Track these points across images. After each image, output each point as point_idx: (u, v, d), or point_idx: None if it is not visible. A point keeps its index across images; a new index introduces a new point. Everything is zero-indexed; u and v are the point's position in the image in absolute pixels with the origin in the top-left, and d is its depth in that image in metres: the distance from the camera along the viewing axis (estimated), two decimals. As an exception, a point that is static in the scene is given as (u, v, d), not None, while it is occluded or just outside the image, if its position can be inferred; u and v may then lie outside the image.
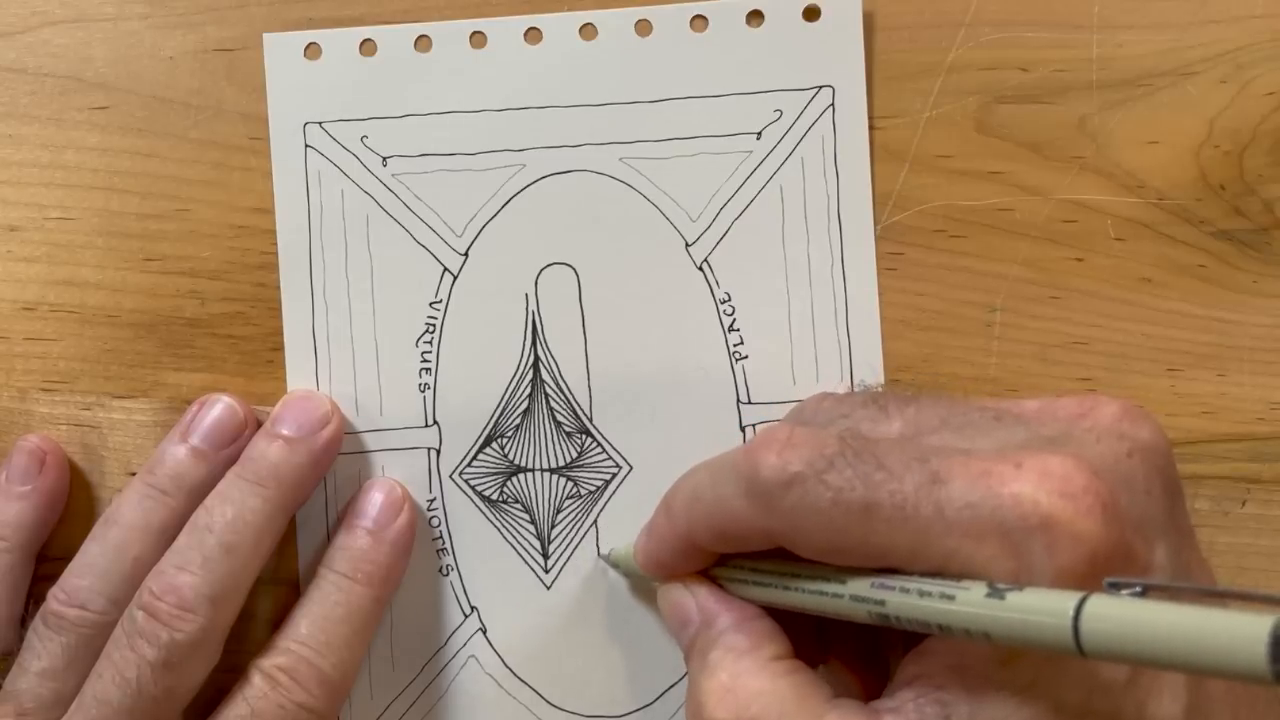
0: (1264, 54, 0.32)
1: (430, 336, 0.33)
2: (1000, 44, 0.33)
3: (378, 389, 0.33)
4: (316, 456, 0.32)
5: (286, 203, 0.33)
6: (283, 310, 0.33)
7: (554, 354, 0.33)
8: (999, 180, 0.33)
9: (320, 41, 0.33)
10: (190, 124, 0.34)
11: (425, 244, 0.33)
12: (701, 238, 0.33)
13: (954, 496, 0.22)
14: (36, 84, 0.34)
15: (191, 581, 0.30)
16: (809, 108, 0.33)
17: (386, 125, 0.33)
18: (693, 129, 0.33)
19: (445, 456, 0.33)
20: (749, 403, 0.33)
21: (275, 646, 0.31)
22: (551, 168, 0.33)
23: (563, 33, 0.33)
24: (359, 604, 0.31)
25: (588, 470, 0.33)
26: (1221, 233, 0.32)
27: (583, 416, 0.33)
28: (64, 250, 0.34)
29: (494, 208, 0.33)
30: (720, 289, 0.33)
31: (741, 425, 0.33)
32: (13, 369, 0.35)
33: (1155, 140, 0.32)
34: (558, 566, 0.33)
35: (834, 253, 0.33)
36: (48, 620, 0.31)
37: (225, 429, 0.32)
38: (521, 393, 0.33)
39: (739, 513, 0.25)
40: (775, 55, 0.33)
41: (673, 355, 0.33)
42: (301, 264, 0.33)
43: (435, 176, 0.33)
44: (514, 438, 0.33)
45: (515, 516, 0.34)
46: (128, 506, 0.32)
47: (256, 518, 0.31)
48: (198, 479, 0.32)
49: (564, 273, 0.33)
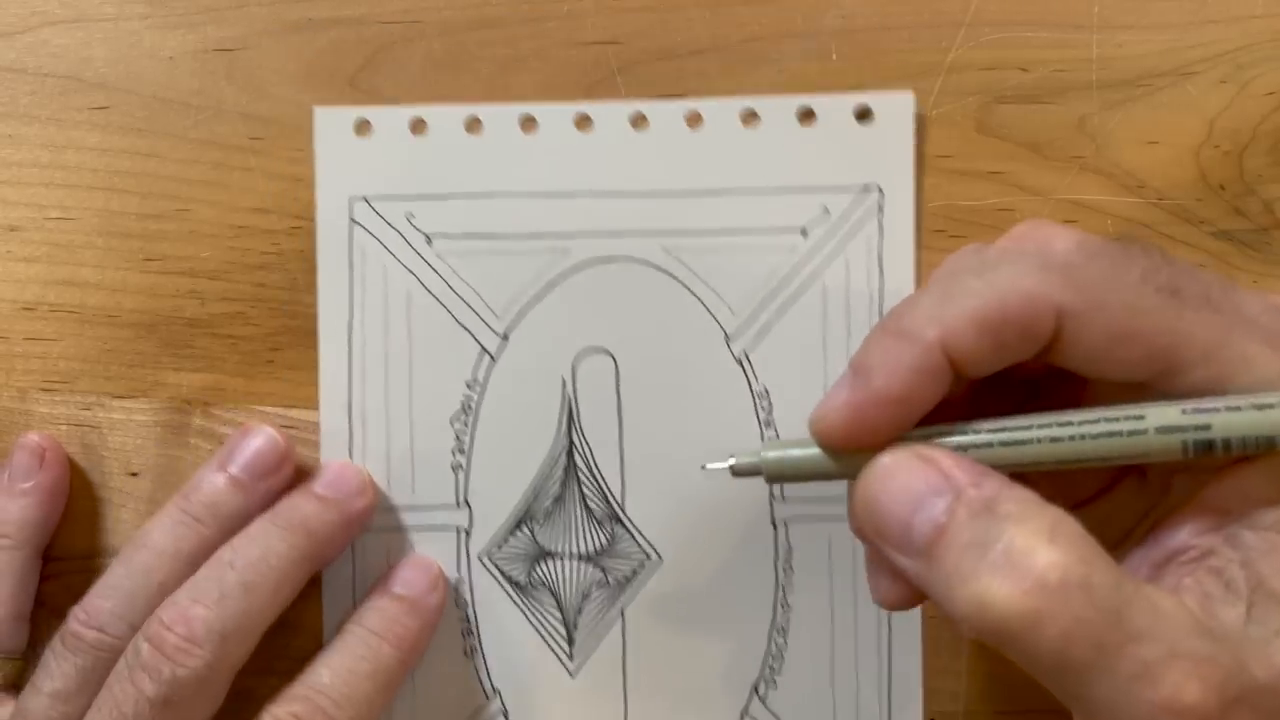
0: (1264, 54, 0.32)
1: (465, 416, 0.33)
2: (1000, 44, 0.33)
3: (410, 466, 0.33)
4: (348, 519, 0.32)
5: (329, 276, 0.33)
6: (320, 381, 0.33)
7: (589, 440, 0.33)
8: (999, 180, 0.33)
9: (371, 118, 0.33)
10: (190, 124, 0.34)
11: (465, 324, 0.33)
12: (742, 331, 0.33)
13: (1250, 301, 0.22)
14: (36, 84, 0.34)
15: (204, 615, 0.29)
16: (857, 207, 0.32)
17: (433, 204, 0.33)
18: (739, 223, 0.33)
19: (475, 537, 0.33)
20: (782, 499, 0.33)
21: (292, 694, 0.30)
22: (595, 254, 0.33)
23: (613, 121, 0.33)
24: (385, 663, 0.31)
25: (617, 559, 0.33)
26: (1221, 233, 0.32)
27: (614, 504, 0.33)
28: (64, 250, 0.34)
29: (536, 291, 0.33)
30: (759, 383, 0.33)
31: (774, 520, 0.33)
32: (13, 369, 0.35)
33: (1155, 140, 0.32)
34: (583, 654, 0.33)
35: None
36: (65, 640, 0.30)
37: (265, 460, 0.32)
38: (554, 477, 0.33)
39: (1031, 289, 0.22)
40: (825, 153, 0.32)
41: (708, 447, 0.32)
42: (341, 337, 0.33)
43: (479, 258, 0.33)
44: (544, 522, 0.33)
45: (542, 601, 0.33)
46: (159, 531, 0.31)
47: (281, 562, 0.30)
48: (233, 509, 0.31)
49: (602, 359, 0.33)
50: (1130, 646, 0.20)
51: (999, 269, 0.23)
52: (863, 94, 0.32)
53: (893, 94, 0.32)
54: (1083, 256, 0.22)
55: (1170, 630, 0.20)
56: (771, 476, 0.26)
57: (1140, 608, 0.20)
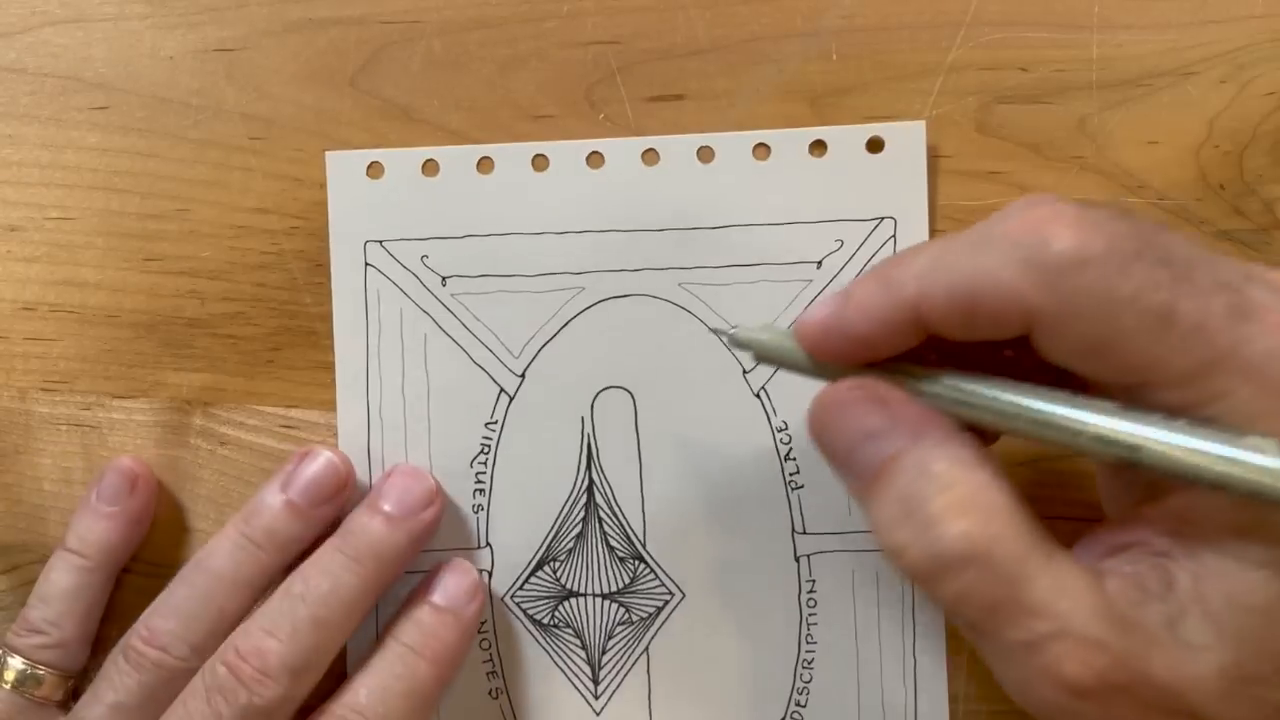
0: (1264, 54, 0.32)
1: (485, 457, 0.33)
2: (1000, 44, 0.33)
3: None
4: (415, 537, 0.32)
5: (345, 320, 0.33)
6: (338, 425, 0.33)
7: (609, 478, 0.33)
8: (999, 180, 0.33)
9: (383, 160, 0.33)
10: (190, 124, 0.34)
11: (482, 364, 0.33)
12: (760, 365, 0.33)
13: (1254, 337, 0.21)
14: (36, 84, 0.34)
15: (277, 650, 0.29)
16: (870, 238, 0.32)
17: (447, 245, 0.33)
18: (753, 256, 0.33)
19: (497, 578, 0.33)
20: (804, 533, 0.33)
21: (329, 711, 0.30)
22: (610, 291, 0.33)
23: (625, 157, 0.33)
24: (422, 681, 0.31)
25: (640, 596, 0.33)
26: (1221, 233, 0.32)
27: (636, 542, 0.33)
28: (64, 250, 0.34)
29: (552, 330, 0.33)
30: (777, 417, 0.33)
31: (796, 555, 0.33)
32: (13, 369, 0.35)
33: (1155, 140, 0.32)
34: (608, 692, 0.33)
35: None
36: (128, 655, 0.31)
37: (325, 486, 0.32)
38: (575, 516, 0.33)
39: (1007, 284, 0.22)
40: (838, 185, 0.32)
41: (728, 482, 0.33)
42: (359, 381, 0.33)
43: (494, 297, 0.33)
44: (567, 562, 0.33)
45: (566, 641, 0.33)
46: (220, 554, 0.31)
47: (350, 594, 0.30)
48: (292, 535, 0.31)
49: (621, 397, 0.33)
50: (1023, 617, 0.22)
51: (989, 251, 0.23)
52: (874, 125, 0.32)
53: (904, 124, 0.32)
54: (1075, 262, 0.22)
55: (1068, 608, 0.22)
56: (760, 357, 0.27)
57: (1043, 583, 0.22)
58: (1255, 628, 0.21)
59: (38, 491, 0.35)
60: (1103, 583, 0.22)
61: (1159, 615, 0.22)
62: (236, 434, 0.34)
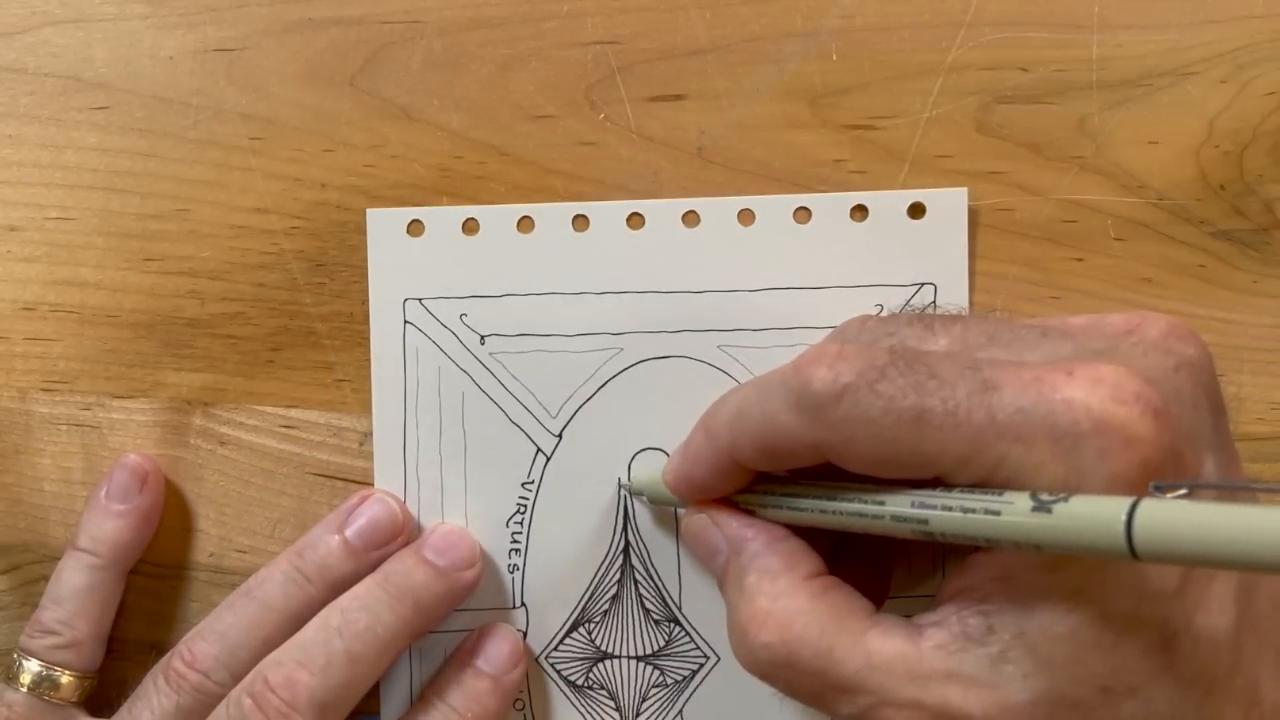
0: (1264, 54, 0.32)
1: (521, 517, 0.33)
2: (1000, 44, 0.33)
3: None
4: (454, 593, 0.32)
5: (383, 377, 0.33)
6: (374, 483, 0.33)
7: (645, 540, 0.33)
8: (999, 180, 0.33)
9: (424, 219, 0.33)
10: (190, 124, 0.34)
11: (520, 424, 0.33)
12: None
13: (1005, 402, 0.22)
14: (36, 84, 0.34)
15: (308, 683, 0.29)
16: (910, 304, 0.32)
17: (486, 304, 0.33)
18: (792, 320, 0.32)
19: (532, 638, 0.33)
20: None
21: None
22: (649, 352, 0.33)
23: (665, 219, 0.33)
24: None
25: (675, 659, 0.33)
26: (1221, 233, 0.32)
27: (672, 604, 0.33)
28: (64, 250, 0.34)
29: (590, 390, 0.33)
30: None
31: None
32: (13, 369, 0.35)
33: (1155, 140, 0.32)
34: None
35: None
36: (169, 677, 0.31)
37: (382, 531, 0.32)
38: (611, 578, 0.33)
39: (787, 426, 0.24)
40: (878, 250, 0.32)
41: None
42: (395, 438, 0.33)
43: (532, 356, 0.33)
44: (602, 623, 0.33)
45: (600, 703, 0.33)
46: (271, 585, 0.31)
47: (387, 633, 0.30)
48: (343, 574, 0.31)
49: (658, 458, 0.33)
50: (845, 695, 0.24)
51: (772, 398, 0.25)
52: (916, 191, 0.32)
53: (946, 191, 0.32)
54: (831, 396, 0.23)
55: (879, 681, 0.24)
56: (652, 500, 0.32)
57: (852, 666, 0.24)
58: (1066, 653, 0.22)
59: (38, 492, 0.35)
60: (920, 642, 0.24)
61: (979, 659, 0.23)
62: (236, 434, 0.34)
